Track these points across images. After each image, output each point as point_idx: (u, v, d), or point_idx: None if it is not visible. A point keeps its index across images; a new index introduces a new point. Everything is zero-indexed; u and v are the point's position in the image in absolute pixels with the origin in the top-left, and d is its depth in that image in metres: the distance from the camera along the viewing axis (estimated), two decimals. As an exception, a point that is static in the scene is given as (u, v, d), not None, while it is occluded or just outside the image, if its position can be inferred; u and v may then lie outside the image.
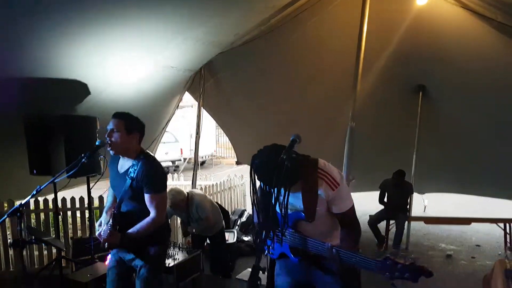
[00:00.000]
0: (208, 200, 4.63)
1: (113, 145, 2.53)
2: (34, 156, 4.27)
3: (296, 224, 2.10)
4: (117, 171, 2.67)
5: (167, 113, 6.00)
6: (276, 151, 1.90)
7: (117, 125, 2.54)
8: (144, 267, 2.63)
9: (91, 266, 4.46)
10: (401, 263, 1.64)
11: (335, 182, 2.00)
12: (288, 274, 2.27)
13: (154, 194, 2.55)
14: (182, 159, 15.79)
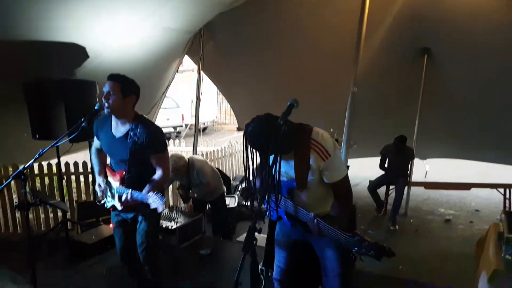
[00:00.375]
0: (208, 165, 4.66)
1: (111, 108, 2.53)
2: (35, 121, 4.28)
3: (290, 191, 2.17)
4: (112, 135, 2.68)
5: (167, 78, 5.92)
6: (270, 119, 1.96)
7: (113, 87, 2.52)
8: (144, 222, 2.78)
9: (96, 229, 4.58)
10: (367, 240, 1.75)
11: (327, 153, 2.02)
12: (287, 234, 2.37)
13: (159, 154, 2.66)
14: (184, 125, 15.73)
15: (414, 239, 4.98)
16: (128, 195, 2.53)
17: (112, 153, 2.75)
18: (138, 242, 2.83)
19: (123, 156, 2.63)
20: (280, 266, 2.42)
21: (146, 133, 2.57)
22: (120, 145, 2.63)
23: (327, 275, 2.27)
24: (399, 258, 4.11)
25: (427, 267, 4.02)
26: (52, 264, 4.09)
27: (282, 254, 2.40)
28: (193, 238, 4.50)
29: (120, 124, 2.65)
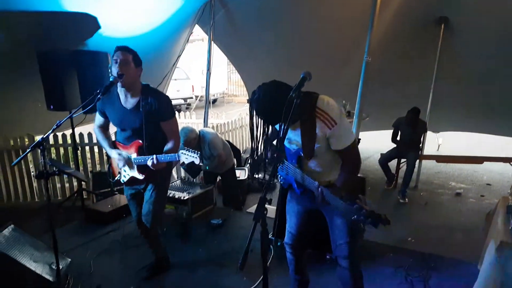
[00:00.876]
0: (219, 138, 4.70)
1: (127, 77, 2.59)
2: (50, 92, 4.35)
3: (298, 159, 2.21)
4: (123, 107, 2.74)
5: (178, 48, 5.87)
6: (277, 86, 1.98)
7: (126, 58, 2.59)
8: (154, 191, 2.91)
9: (111, 198, 4.72)
10: (365, 209, 1.79)
11: (333, 121, 2.01)
12: (297, 201, 2.43)
13: (170, 120, 2.78)
14: (194, 96, 15.65)
15: (423, 211, 5.01)
16: (154, 159, 2.62)
17: (125, 125, 2.81)
18: (144, 209, 2.97)
19: (136, 127, 2.71)
20: (291, 232, 2.50)
21: (157, 101, 2.68)
22: (132, 116, 2.71)
23: (336, 242, 2.33)
24: (408, 230, 4.22)
25: (435, 239, 4.06)
26: (70, 231, 4.26)
27: (293, 220, 2.48)
28: (205, 208, 4.60)
29: (129, 96, 2.72)
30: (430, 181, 6.25)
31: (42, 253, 3.22)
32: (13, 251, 2.96)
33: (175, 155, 2.60)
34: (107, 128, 3.02)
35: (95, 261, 3.55)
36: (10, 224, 3.25)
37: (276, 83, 2.00)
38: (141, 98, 2.68)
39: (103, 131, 2.99)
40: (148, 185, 2.94)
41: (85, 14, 3.96)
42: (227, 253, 3.68)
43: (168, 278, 3.27)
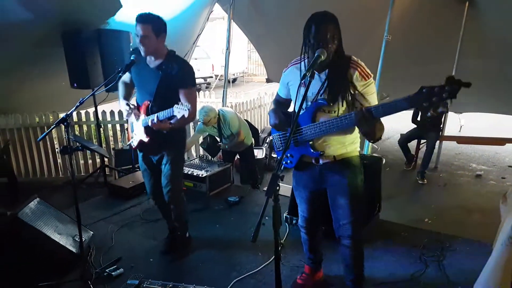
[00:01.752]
0: (238, 117, 4.74)
1: (147, 51, 2.64)
2: (73, 70, 4.46)
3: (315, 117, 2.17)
4: (146, 65, 2.78)
5: (198, 26, 5.87)
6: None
7: (145, 30, 2.61)
8: (168, 165, 2.96)
9: (132, 174, 4.86)
10: (437, 86, 1.62)
11: (367, 73, 2.06)
12: (304, 187, 2.47)
13: (188, 89, 2.76)
14: (214, 75, 15.66)
15: (441, 193, 4.96)
16: (154, 117, 2.65)
17: (142, 82, 2.86)
18: (163, 183, 3.04)
19: (151, 87, 2.74)
20: (303, 216, 2.58)
21: (178, 67, 2.69)
22: (151, 75, 2.75)
23: (339, 222, 2.37)
24: (425, 211, 4.21)
25: (452, 220, 4.04)
26: (92, 205, 4.42)
27: (303, 205, 2.54)
28: (222, 186, 4.69)
29: (153, 58, 2.76)
30: (450, 162, 6.16)
31: (65, 225, 3.37)
32: (38, 223, 3.11)
33: (171, 109, 2.54)
34: (132, 86, 3.09)
35: (117, 235, 3.69)
36: (36, 197, 3.39)
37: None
38: (164, 61, 2.72)
39: (125, 84, 3.05)
40: (163, 157, 2.98)
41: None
42: (243, 230, 3.77)
43: (185, 252, 3.37)
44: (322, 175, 2.33)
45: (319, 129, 2.12)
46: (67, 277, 3.00)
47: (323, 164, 2.29)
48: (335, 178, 2.29)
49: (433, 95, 1.62)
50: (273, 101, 2.51)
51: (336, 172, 2.28)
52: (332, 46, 2.00)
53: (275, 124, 2.34)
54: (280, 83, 2.42)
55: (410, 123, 5.71)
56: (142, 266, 3.16)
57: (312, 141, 2.22)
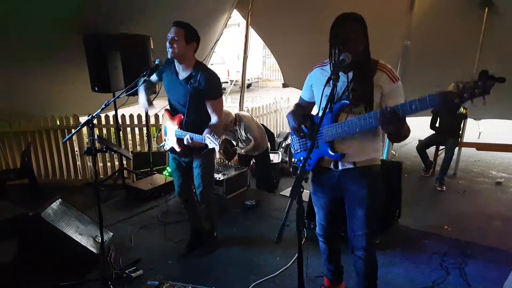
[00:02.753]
0: (255, 121, 4.77)
1: (174, 53, 2.70)
2: (95, 74, 4.54)
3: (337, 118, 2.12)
4: (176, 77, 2.87)
5: (216, 32, 5.95)
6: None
7: (177, 33, 2.69)
8: (199, 168, 3.04)
9: (151, 177, 4.91)
10: (468, 82, 1.53)
11: (395, 76, 2.03)
12: (322, 193, 2.39)
13: (215, 100, 2.85)
14: (229, 81, 15.75)
15: (461, 199, 4.90)
16: (188, 138, 2.72)
17: (173, 94, 2.94)
18: (196, 184, 3.12)
19: (182, 99, 2.84)
20: (321, 223, 2.51)
21: (205, 80, 2.75)
22: (181, 87, 2.83)
23: (354, 233, 2.30)
24: (445, 217, 4.16)
25: (473, 227, 3.98)
26: (111, 207, 4.48)
27: (321, 213, 2.47)
28: (239, 190, 4.71)
29: (182, 69, 2.83)
30: (470, 169, 6.07)
31: (86, 226, 3.43)
32: (60, 223, 3.17)
33: (203, 138, 2.62)
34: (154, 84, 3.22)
35: (135, 236, 3.74)
36: (58, 198, 3.46)
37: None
38: (192, 73, 2.78)
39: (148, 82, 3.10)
40: (193, 161, 3.07)
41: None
42: (260, 233, 3.77)
43: (211, 251, 3.41)
44: (341, 183, 2.25)
45: (341, 129, 2.06)
46: (87, 276, 3.05)
47: (343, 171, 2.21)
48: (354, 188, 2.22)
49: (464, 91, 1.53)
50: (295, 104, 2.47)
51: (356, 180, 2.20)
52: (358, 47, 1.96)
53: (294, 128, 2.27)
54: (304, 86, 2.37)
55: (428, 129, 5.65)
56: (161, 267, 3.19)
57: (332, 142, 2.16)
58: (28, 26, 3.98)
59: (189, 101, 2.78)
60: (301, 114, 2.28)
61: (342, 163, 2.19)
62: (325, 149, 2.19)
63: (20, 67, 4.54)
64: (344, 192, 2.28)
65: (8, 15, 3.77)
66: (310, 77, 2.32)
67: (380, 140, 2.23)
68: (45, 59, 4.59)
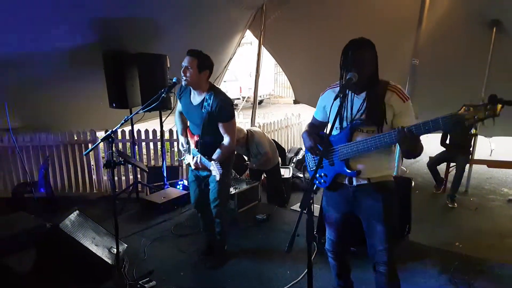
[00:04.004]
0: (266, 137, 4.87)
1: (188, 81, 2.90)
2: (113, 91, 4.71)
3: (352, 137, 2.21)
4: (190, 101, 3.06)
5: (230, 51, 6.13)
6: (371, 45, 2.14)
7: (191, 63, 2.87)
8: (216, 182, 3.14)
9: (164, 191, 5.02)
10: (479, 104, 1.64)
11: (405, 96, 2.13)
12: (335, 208, 2.43)
13: (227, 122, 3.00)
14: (241, 97, 15.98)
15: (473, 217, 4.87)
16: (198, 159, 2.96)
17: (190, 118, 3.14)
18: (211, 198, 3.24)
19: (197, 121, 3.02)
20: (331, 239, 2.53)
21: (217, 104, 2.91)
22: (196, 112, 3.01)
23: (374, 248, 2.32)
24: (456, 234, 4.15)
25: (484, 245, 3.97)
26: (126, 219, 4.58)
27: (332, 228, 2.49)
28: (250, 204, 4.78)
29: (197, 94, 3.01)
30: (481, 186, 6.04)
31: (102, 237, 3.53)
32: (77, 234, 3.27)
33: (209, 164, 2.89)
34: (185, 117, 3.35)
35: (149, 248, 3.82)
36: (76, 210, 3.57)
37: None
38: (205, 97, 2.95)
39: (181, 115, 3.32)
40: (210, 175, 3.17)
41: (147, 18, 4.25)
42: (271, 247, 3.82)
43: (221, 263, 3.47)
44: (356, 198, 2.29)
45: (356, 148, 2.15)
46: (102, 287, 3.13)
47: (357, 186, 2.25)
48: (369, 203, 2.26)
49: (474, 113, 1.65)
50: (308, 124, 2.55)
51: (371, 196, 2.25)
52: (368, 70, 2.09)
53: (310, 147, 2.36)
54: (317, 107, 2.48)
55: (439, 146, 5.67)
56: (174, 279, 3.26)
57: (348, 160, 2.23)
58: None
59: (203, 124, 2.96)
60: (316, 133, 2.40)
61: (357, 179, 2.25)
62: (341, 166, 2.26)
63: (42, 84, 4.72)
64: (358, 207, 2.32)
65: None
66: (322, 98, 2.42)
67: (393, 157, 2.30)
68: (64, 74, 4.74)
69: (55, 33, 4.02)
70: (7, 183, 5.55)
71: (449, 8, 4.75)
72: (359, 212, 2.34)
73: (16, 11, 3.52)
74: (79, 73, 4.85)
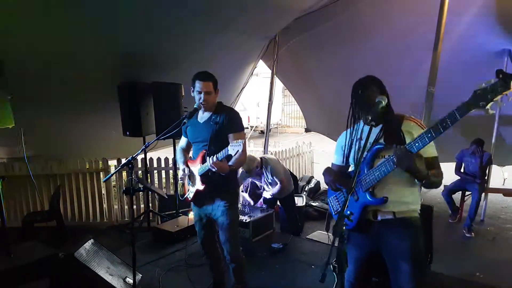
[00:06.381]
0: (281, 164, 4.84)
1: (209, 105, 2.87)
2: (127, 119, 4.75)
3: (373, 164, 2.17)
4: (198, 122, 3.00)
5: (242, 81, 6.23)
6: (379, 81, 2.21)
7: (208, 86, 2.84)
8: (223, 215, 2.95)
9: (176, 219, 4.96)
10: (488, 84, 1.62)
11: (423, 125, 2.14)
12: (357, 245, 2.31)
13: (237, 133, 2.91)
14: (249, 126, 16.11)
15: (491, 246, 4.77)
16: (214, 157, 2.72)
17: (196, 138, 3.02)
18: (221, 239, 3.04)
19: (205, 137, 2.90)
20: (350, 281, 2.38)
21: (226, 115, 2.89)
22: (204, 128, 2.94)
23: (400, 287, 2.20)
24: (476, 264, 4.05)
25: (506, 275, 3.86)
26: (139, 249, 4.44)
27: (351, 266, 2.34)
28: (265, 232, 4.70)
29: (205, 113, 2.97)
30: (497, 215, 5.94)
31: (116, 267, 3.46)
32: (92, 264, 3.21)
33: (226, 149, 2.66)
34: (188, 151, 3.25)
35: (163, 278, 3.74)
36: (90, 239, 3.53)
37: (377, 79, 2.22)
38: (213, 112, 2.93)
39: (183, 151, 3.23)
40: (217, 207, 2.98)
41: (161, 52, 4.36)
42: (289, 278, 3.73)
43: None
44: (381, 234, 2.20)
45: (378, 172, 2.09)
46: (118, 318, 3.04)
47: (382, 222, 2.17)
48: (394, 240, 2.17)
49: (487, 92, 1.63)
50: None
51: (396, 232, 2.16)
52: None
53: (330, 180, 2.30)
54: (334, 152, 2.45)
55: (453, 175, 5.63)
56: (190, 310, 3.17)
57: (373, 190, 2.16)
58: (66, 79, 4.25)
59: (211, 136, 2.87)
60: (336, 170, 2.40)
61: (382, 213, 2.18)
62: (366, 197, 2.18)
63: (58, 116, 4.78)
64: (383, 244, 2.23)
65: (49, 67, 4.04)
66: (339, 140, 2.43)
67: (417, 189, 2.23)
68: (79, 106, 4.80)
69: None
70: (17, 212, 5.52)
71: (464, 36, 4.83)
72: (383, 250, 2.24)
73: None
74: (94, 104, 4.91)
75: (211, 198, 3.00)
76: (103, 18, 3.56)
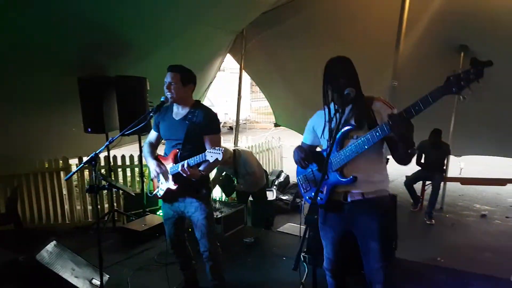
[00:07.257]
0: (254, 156, 4.84)
1: (173, 97, 2.76)
2: (88, 115, 4.55)
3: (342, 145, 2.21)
4: (173, 118, 2.88)
5: (210, 76, 6.16)
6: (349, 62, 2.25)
7: (173, 78, 2.75)
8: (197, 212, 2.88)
9: (143, 218, 4.83)
10: (461, 70, 1.70)
11: (391, 105, 2.19)
12: (331, 227, 2.40)
13: (214, 135, 2.84)
14: (217, 123, 16.06)
15: (450, 232, 5.02)
16: (185, 164, 2.65)
17: (170, 135, 2.91)
18: (198, 236, 2.96)
19: (180, 136, 2.80)
20: (329, 258, 2.48)
21: (203, 115, 2.79)
22: (178, 126, 2.82)
23: (370, 267, 2.30)
24: (437, 250, 4.24)
25: (465, 258, 4.09)
26: (105, 249, 4.27)
27: (329, 247, 2.45)
28: (236, 227, 4.69)
29: (180, 108, 2.87)
30: (455, 203, 6.25)
31: (82, 268, 3.33)
32: (56, 266, 3.08)
33: (203, 154, 2.58)
34: (156, 147, 3.13)
35: (132, 278, 3.63)
36: (53, 240, 3.37)
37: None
38: (190, 110, 2.83)
39: (152, 146, 3.08)
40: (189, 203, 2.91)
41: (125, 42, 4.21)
42: (263, 271, 3.74)
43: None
44: (351, 215, 2.27)
45: (349, 152, 2.14)
46: (85, 321, 2.94)
47: (352, 203, 2.24)
48: (364, 219, 2.25)
49: (460, 79, 1.70)
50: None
51: (366, 212, 2.23)
52: (350, 83, 2.15)
53: (300, 157, 2.32)
54: (305, 131, 2.51)
55: (414, 165, 5.84)
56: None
57: (342, 169, 2.22)
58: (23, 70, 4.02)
59: (185, 135, 2.77)
60: (306, 148, 2.42)
61: (351, 195, 2.24)
62: (336, 177, 2.24)
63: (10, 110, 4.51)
64: (354, 225, 2.30)
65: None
66: (311, 121, 2.48)
67: (385, 169, 2.32)
68: (37, 102, 4.54)
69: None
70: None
71: (424, 33, 5.01)
72: (354, 230, 2.32)
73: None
74: (51, 99, 4.65)
75: (183, 195, 2.92)
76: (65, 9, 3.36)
